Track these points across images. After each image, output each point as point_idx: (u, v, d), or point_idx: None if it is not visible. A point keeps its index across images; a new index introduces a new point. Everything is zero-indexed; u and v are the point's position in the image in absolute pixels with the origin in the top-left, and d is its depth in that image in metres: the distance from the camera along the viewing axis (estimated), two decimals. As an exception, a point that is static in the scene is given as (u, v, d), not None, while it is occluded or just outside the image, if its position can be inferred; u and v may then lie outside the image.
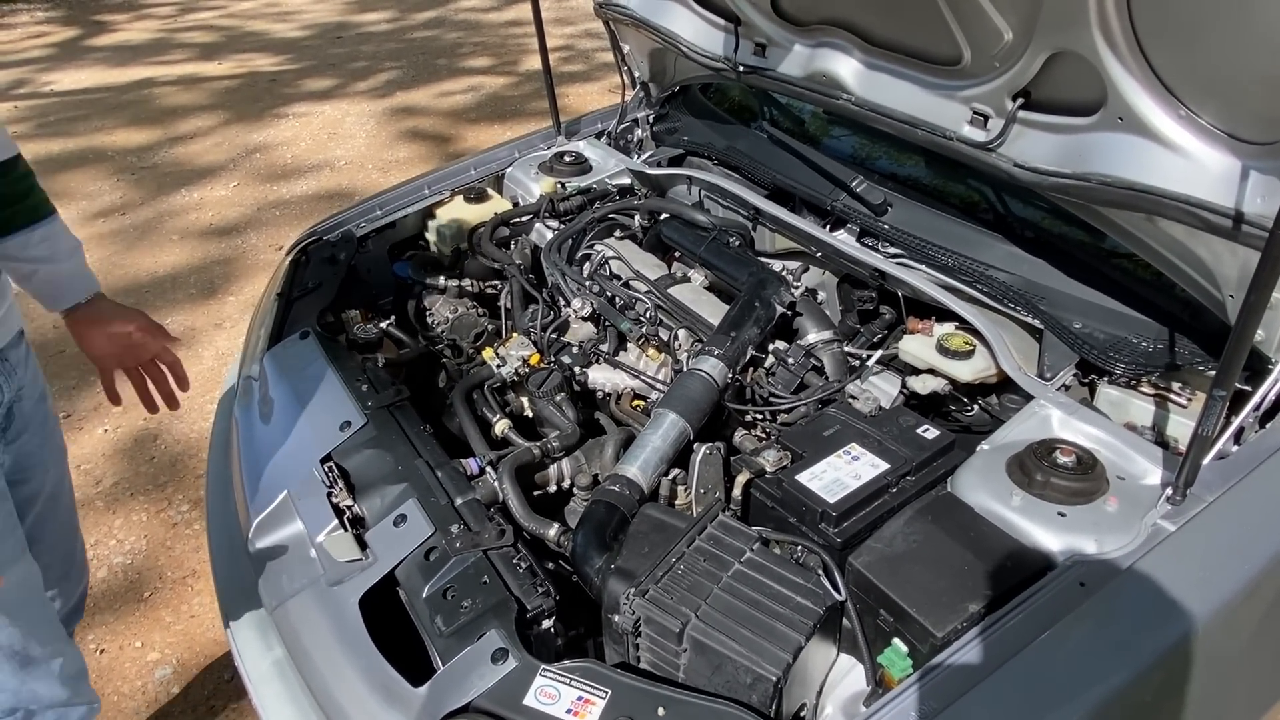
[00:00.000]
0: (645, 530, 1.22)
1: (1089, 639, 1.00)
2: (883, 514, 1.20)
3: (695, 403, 1.43)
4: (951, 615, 1.04)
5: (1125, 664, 0.98)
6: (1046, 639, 0.99)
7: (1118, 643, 1.00)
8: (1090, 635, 1.00)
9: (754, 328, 1.57)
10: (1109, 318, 1.42)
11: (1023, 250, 1.55)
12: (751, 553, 1.15)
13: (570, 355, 1.71)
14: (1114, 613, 1.02)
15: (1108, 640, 1.00)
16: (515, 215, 2.08)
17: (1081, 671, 0.98)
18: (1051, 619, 1.01)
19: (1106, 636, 1.00)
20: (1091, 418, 1.29)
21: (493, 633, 1.12)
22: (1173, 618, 1.02)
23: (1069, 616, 1.01)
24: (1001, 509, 1.16)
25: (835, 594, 1.11)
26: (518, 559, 1.24)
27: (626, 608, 1.09)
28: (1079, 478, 1.16)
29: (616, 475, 1.33)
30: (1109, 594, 1.03)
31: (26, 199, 1.33)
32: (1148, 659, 0.99)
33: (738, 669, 1.03)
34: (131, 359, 1.45)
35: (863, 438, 1.31)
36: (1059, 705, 0.95)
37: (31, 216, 1.33)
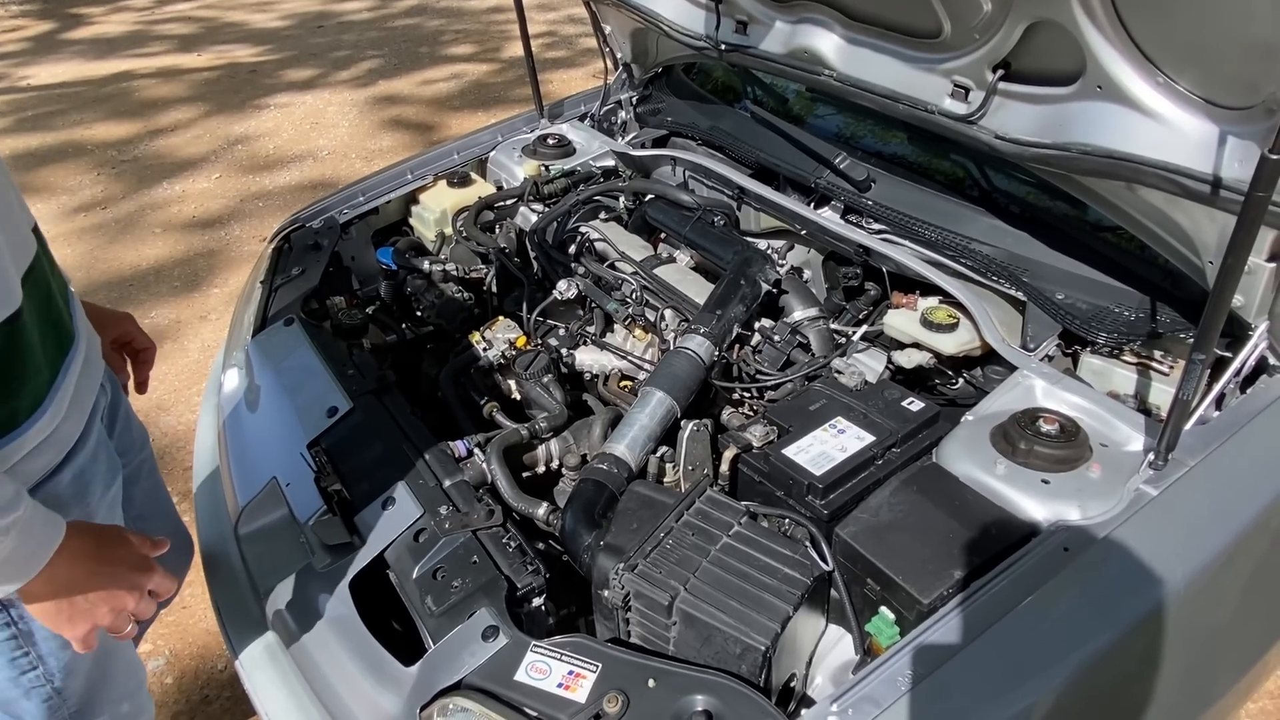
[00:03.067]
0: (634, 507, 1.23)
1: (1073, 603, 1.01)
2: (869, 485, 1.21)
3: (682, 381, 1.43)
4: (937, 582, 1.05)
5: (1109, 627, 0.99)
6: (1031, 603, 1.00)
7: (1101, 606, 1.01)
8: (1074, 599, 1.01)
9: (740, 305, 1.57)
10: (1091, 288, 1.43)
11: (1005, 223, 1.55)
12: (739, 526, 1.16)
13: (557, 337, 1.71)
14: (1097, 577, 1.03)
15: (1091, 604, 1.01)
16: (499, 199, 2.08)
17: (1065, 635, 0.99)
18: (1036, 584, 1.02)
19: (1090, 600, 1.01)
20: (1074, 387, 1.30)
21: (483, 611, 1.12)
22: (1155, 581, 1.03)
23: (1053, 581, 1.02)
24: (986, 478, 1.17)
25: (823, 565, 1.12)
26: (507, 538, 1.24)
27: (616, 583, 1.10)
28: (1062, 446, 1.17)
29: (604, 454, 1.33)
30: (1092, 558, 1.04)
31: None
32: (1131, 621, 1.00)
33: (727, 640, 1.04)
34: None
35: (848, 411, 1.32)
36: (1044, 669, 0.97)
37: None
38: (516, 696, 1.02)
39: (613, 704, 0.97)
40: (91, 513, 1.11)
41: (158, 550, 1.04)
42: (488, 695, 1.03)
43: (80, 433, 1.08)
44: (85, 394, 1.11)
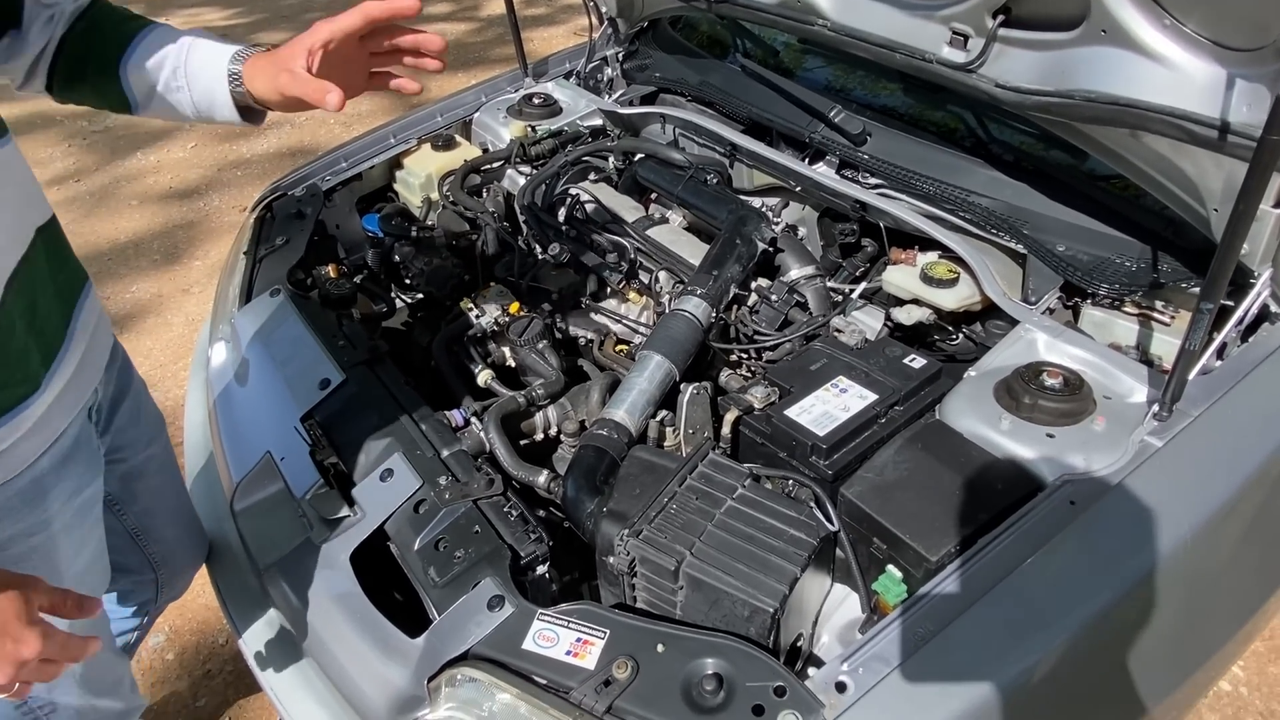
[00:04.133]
0: (635, 472, 1.21)
1: (1080, 557, 1.01)
2: (872, 444, 1.20)
3: (679, 343, 1.41)
4: (944, 539, 1.04)
5: (1116, 580, 0.99)
6: (1038, 558, 0.99)
7: (1108, 559, 1.01)
8: (1081, 553, 1.01)
9: (736, 265, 1.55)
10: (1092, 239, 1.41)
11: (1005, 175, 1.53)
12: (743, 489, 1.15)
13: (550, 302, 1.68)
14: (1104, 530, 1.03)
15: (1098, 557, 1.01)
16: (485, 162, 2.03)
17: (1074, 589, 0.99)
18: (1043, 538, 1.01)
19: (1097, 554, 1.01)
20: (1077, 339, 1.29)
21: (487, 581, 1.11)
22: (1161, 532, 1.03)
23: (1059, 535, 1.01)
24: (990, 433, 1.16)
25: (828, 525, 1.11)
26: (508, 507, 1.23)
27: (621, 549, 1.09)
28: (1066, 399, 1.16)
29: (604, 419, 1.32)
30: (1098, 511, 1.04)
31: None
32: (1138, 574, 1.00)
33: (735, 603, 1.03)
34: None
35: (850, 370, 1.30)
36: (1052, 623, 0.97)
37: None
38: (525, 665, 1.01)
39: (622, 669, 0.97)
40: (50, 518, 1.05)
41: (83, 614, 0.88)
42: (496, 665, 1.02)
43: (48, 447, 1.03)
44: (64, 408, 1.06)
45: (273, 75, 1.02)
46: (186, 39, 1.10)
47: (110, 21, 1.11)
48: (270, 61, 1.03)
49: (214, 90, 1.08)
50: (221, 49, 1.09)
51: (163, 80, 1.09)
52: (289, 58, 1.00)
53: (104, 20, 1.10)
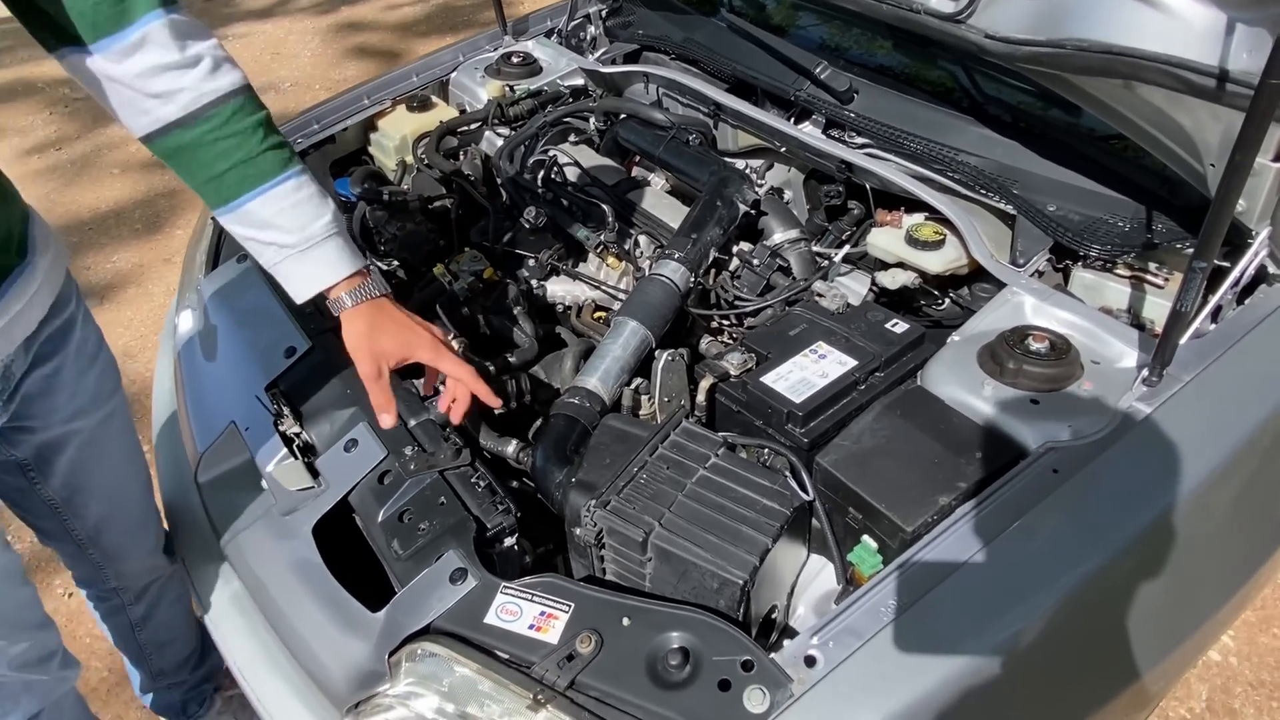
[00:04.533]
0: (606, 442, 1.17)
1: (1062, 526, 0.97)
2: (851, 411, 1.16)
3: (656, 309, 1.36)
4: (921, 509, 1.00)
5: (1099, 550, 0.96)
6: (1019, 527, 0.96)
7: (1091, 528, 0.97)
8: (1064, 523, 0.97)
9: (716, 229, 1.49)
10: (1084, 199, 1.35)
11: (995, 133, 1.47)
12: (716, 458, 1.11)
13: (527, 267, 1.63)
14: (1088, 498, 0.99)
15: (1081, 526, 0.97)
16: (462, 123, 1.96)
17: (1054, 559, 0.95)
18: (1024, 508, 0.97)
19: (1080, 522, 0.97)
20: (1065, 302, 1.24)
21: (451, 553, 1.07)
22: (1148, 500, 1.00)
23: (1041, 504, 0.98)
24: (973, 399, 1.11)
25: (802, 495, 1.07)
26: (476, 478, 1.19)
27: (588, 519, 1.05)
28: (1052, 363, 1.12)
29: (576, 387, 1.27)
30: (1083, 480, 1.00)
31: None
32: (1123, 544, 0.96)
33: (704, 575, 1.00)
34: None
35: (830, 335, 1.26)
36: (1031, 594, 0.93)
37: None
38: (487, 639, 0.98)
39: (585, 644, 0.94)
40: None
41: None
42: (457, 639, 0.99)
43: None
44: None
45: (368, 338, 1.07)
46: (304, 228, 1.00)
47: (231, 144, 0.96)
48: (374, 329, 1.07)
49: (296, 285, 1.06)
50: (331, 269, 1.04)
51: (255, 240, 1.03)
52: (392, 353, 1.09)
53: (222, 140, 0.96)
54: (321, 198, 1.03)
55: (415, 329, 1.10)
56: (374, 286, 1.08)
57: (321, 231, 1.02)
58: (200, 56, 0.95)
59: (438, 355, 1.11)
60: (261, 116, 0.99)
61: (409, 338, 1.09)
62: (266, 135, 0.99)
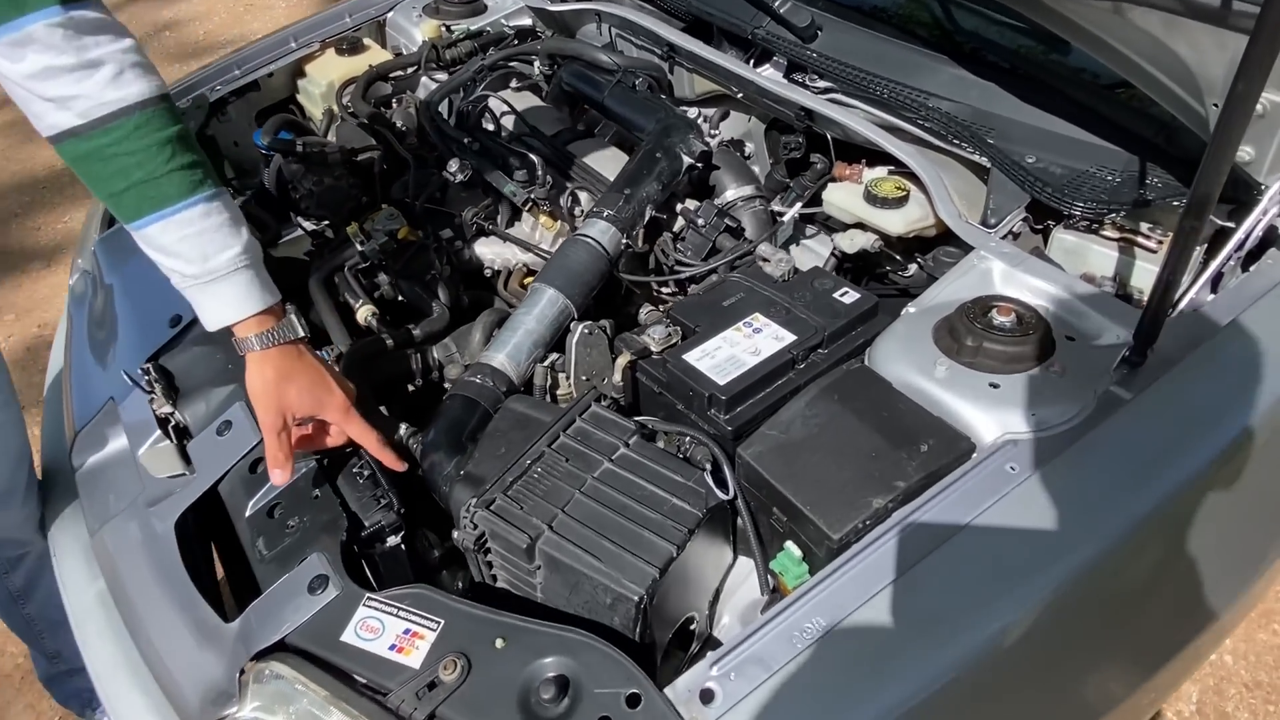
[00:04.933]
0: (504, 428, 1.03)
1: (1017, 539, 0.82)
2: (784, 395, 1.00)
3: (577, 275, 1.20)
4: (851, 512, 0.85)
5: (1058, 569, 0.80)
6: (963, 539, 0.81)
7: (1051, 540, 0.82)
8: (1016, 533, 0.82)
9: (654, 183, 1.32)
10: (1068, 148, 1.18)
11: (970, 73, 1.29)
12: (626, 449, 0.96)
13: (451, 227, 1.47)
14: (1048, 503, 0.83)
15: (1037, 540, 0.82)
16: (393, 68, 1.79)
17: (1006, 579, 0.80)
18: (971, 514, 0.82)
19: (1035, 535, 0.82)
20: (1040, 269, 1.08)
21: (315, 557, 0.94)
22: (1119, 506, 0.84)
23: (993, 510, 0.82)
24: (923, 382, 0.96)
25: (719, 493, 0.92)
26: (359, 467, 1.05)
27: (466, 521, 0.91)
28: (1018, 340, 0.95)
29: (479, 364, 1.12)
30: (1044, 480, 0.84)
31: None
32: (1086, 562, 0.81)
33: (595, 588, 0.85)
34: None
35: (769, 306, 1.09)
36: (971, 625, 0.78)
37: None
38: (342, 660, 0.84)
39: (450, 670, 0.80)
40: None
41: None
42: (310, 658, 0.85)
43: None
44: None
45: (275, 387, 0.95)
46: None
47: (131, 162, 0.85)
48: (283, 379, 0.95)
49: (203, 315, 0.95)
50: (235, 307, 0.93)
51: (160, 264, 0.94)
52: (299, 407, 0.96)
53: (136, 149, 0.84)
54: (233, 227, 0.91)
55: (329, 385, 0.97)
56: (287, 330, 0.95)
57: (227, 265, 0.90)
58: (101, 62, 0.83)
59: (346, 417, 0.99)
60: (171, 133, 0.87)
61: (320, 394, 0.97)
62: (175, 155, 0.86)
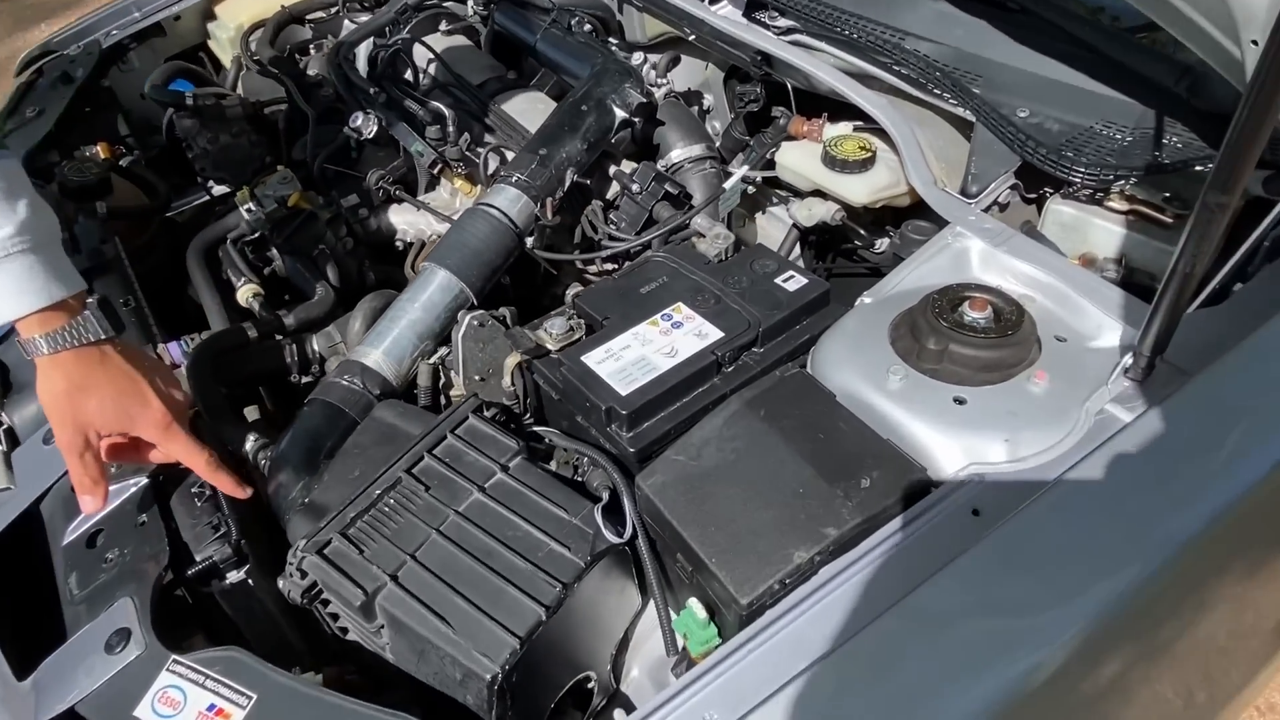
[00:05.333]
0: (366, 443, 0.85)
1: (979, 609, 0.63)
2: (706, 407, 0.82)
3: (476, 253, 1.01)
4: (766, 569, 0.67)
5: (1036, 647, 0.62)
6: (907, 609, 0.62)
7: (1027, 614, 0.64)
8: (977, 603, 0.63)
9: (577, 142, 1.12)
10: (1069, 100, 0.97)
11: (955, 7, 1.07)
12: (503, 474, 0.78)
13: (359, 193, 1.28)
14: (1021, 560, 0.65)
15: (1010, 610, 0.64)
16: (309, 9, 1.58)
17: (963, 663, 0.62)
18: (923, 573, 0.64)
19: (1008, 604, 0.64)
20: (1028, 249, 0.88)
21: (122, 603, 0.77)
22: (1117, 567, 0.65)
23: (948, 567, 0.64)
24: (873, 394, 0.77)
25: (610, 537, 0.74)
26: (200, 485, 0.87)
27: (292, 566, 0.73)
28: (993, 343, 0.76)
29: (349, 362, 0.94)
30: (1018, 531, 0.66)
31: None
32: (1069, 639, 0.62)
33: (443, 659, 0.68)
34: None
35: (696, 294, 0.90)
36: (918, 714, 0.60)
37: None
38: (131, 745, 0.68)
39: (251, 767, 0.63)
40: None
41: None
42: (96, 739, 0.69)
43: None
44: None
45: (68, 400, 0.74)
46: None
47: None
48: (79, 389, 0.74)
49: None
50: (11, 300, 0.72)
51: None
52: (102, 422, 0.75)
53: None
54: (5, 202, 0.73)
55: (142, 395, 0.77)
56: (83, 329, 0.75)
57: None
58: None
59: (166, 435, 0.78)
60: None
61: (129, 407, 0.76)
62: None
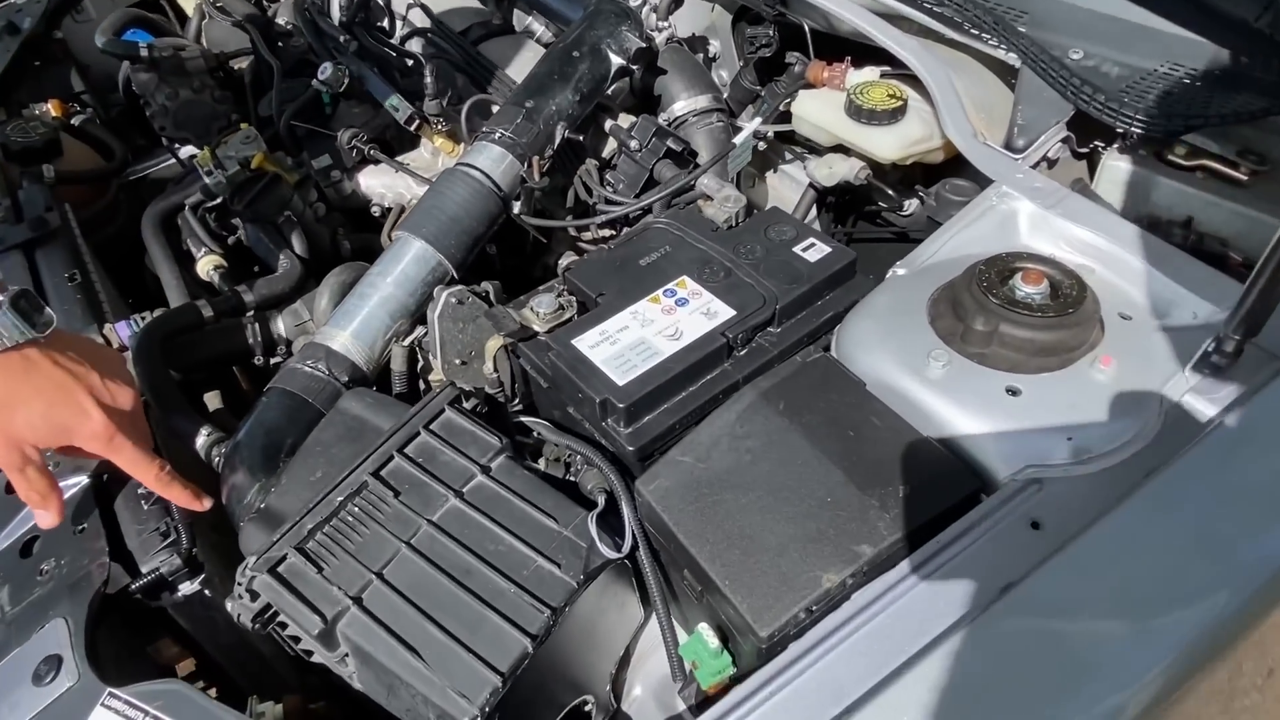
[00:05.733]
0: (329, 439, 0.75)
1: (1042, 642, 0.54)
2: (715, 397, 0.71)
3: (455, 220, 0.90)
4: (791, 595, 0.57)
5: (1107, 691, 0.52)
6: (963, 644, 0.53)
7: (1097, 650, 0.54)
8: (1042, 633, 0.54)
9: (568, 93, 1.00)
10: (1129, 39, 0.84)
11: (998, -68, 0.94)
12: (484, 476, 0.68)
13: (330, 152, 1.17)
14: (1093, 587, 0.55)
15: (1080, 645, 0.54)
16: (277, -51, 1.44)
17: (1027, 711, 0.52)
18: (975, 600, 0.54)
19: (1077, 639, 0.54)
20: (1086, 212, 0.76)
21: (54, 624, 0.68)
22: (1204, 593, 0.55)
23: (1006, 599, 0.54)
24: (910, 384, 0.66)
25: (607, 551, 0.64)
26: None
27: (241, 588, 0.64)
28: (1051, 322, 0.65)
29: (313, 345, 0.84)
30: (1088, 550, 0.56)
31: None
32: (1151, 679, 0.53)
33: (415, 697, 0.59)
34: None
35: (703, 266, 0.79)
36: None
37: None
38: (57, 795, 0.59)
39: (190, 826, 0.54)
40: None
41: None
42: (18, 788, 0.60)
43: None
44: None
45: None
46: None
47: None
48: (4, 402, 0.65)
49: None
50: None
51: None
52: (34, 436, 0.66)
53: None
54: None
55: (77, 403, 0.67)
56: (4, 332, 0.64)
57: None
58: None
59: (110, 446, 0.68)
60: None
61: (64, 418, 0.67)
62: None
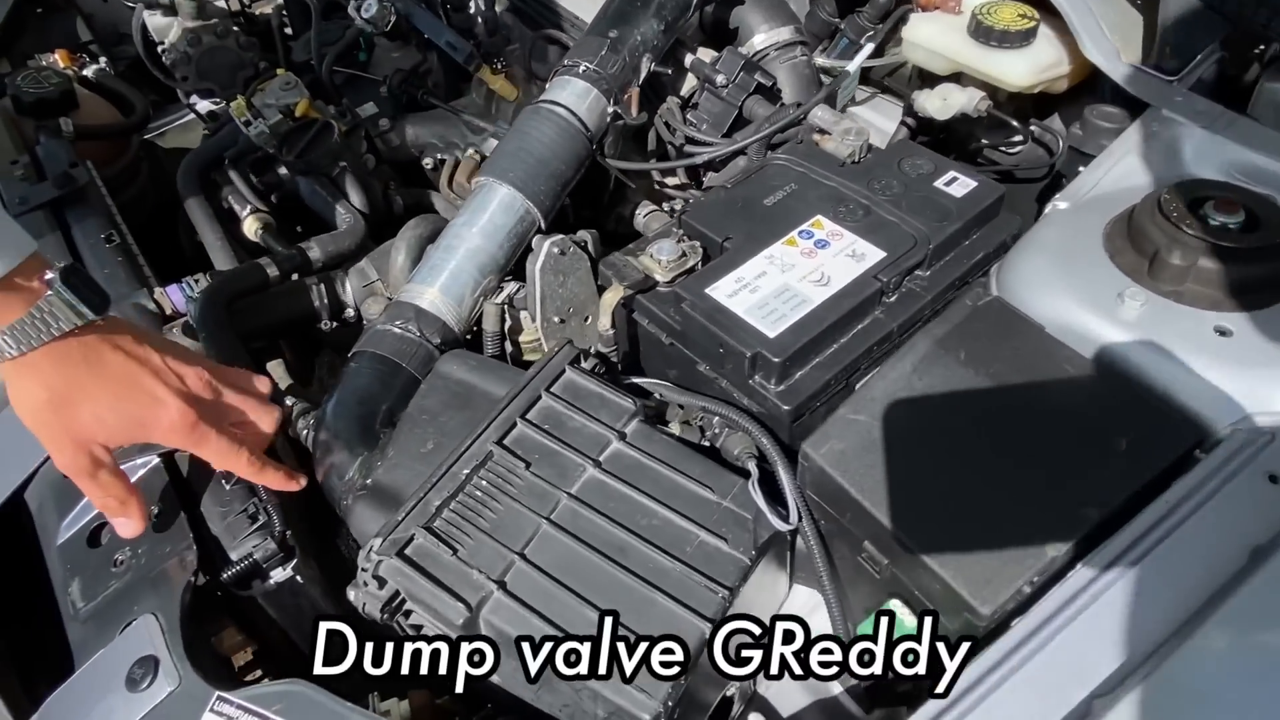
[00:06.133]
0: (435, 407, 0.67)
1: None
2: (868, 349, 0.64)
3: (543, 163, 0.82)
4: (1012, 567, 0.50)
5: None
6: (1216, 627, 0.46)
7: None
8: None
9: (653, 21, 0.91)
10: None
11: None
12: (621, 443, 0.61)
13: (376, 99, 1.07)
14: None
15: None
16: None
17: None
18: (1224, 569, 0.48)
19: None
20: (1260, 135, 0.69)
21: (143, 621, 0.60)
22: None
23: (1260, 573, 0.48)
24: (1102, 327, 0.59)
25: (777, 522, 0.57)
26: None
27: (366, 573, 0.56)
28: (1254, 255, 0.58)
29: (400, 304, 0.76)
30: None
31: None
32: None
33: (580, 691, 0.52)
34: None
35: (837, 204, 0.71)
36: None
37: None
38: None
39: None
40: None
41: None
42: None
43: None
44: None
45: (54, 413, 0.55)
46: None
47: None
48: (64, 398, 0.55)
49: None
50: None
51: None
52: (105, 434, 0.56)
53: None
54: None
55: (150, 391, 0.57)
56: (53, 316, 0.54)
57: None
58: None
59: (194, 437, 0.59)
60: None
61: (137, 411, 0.57)
62: None
